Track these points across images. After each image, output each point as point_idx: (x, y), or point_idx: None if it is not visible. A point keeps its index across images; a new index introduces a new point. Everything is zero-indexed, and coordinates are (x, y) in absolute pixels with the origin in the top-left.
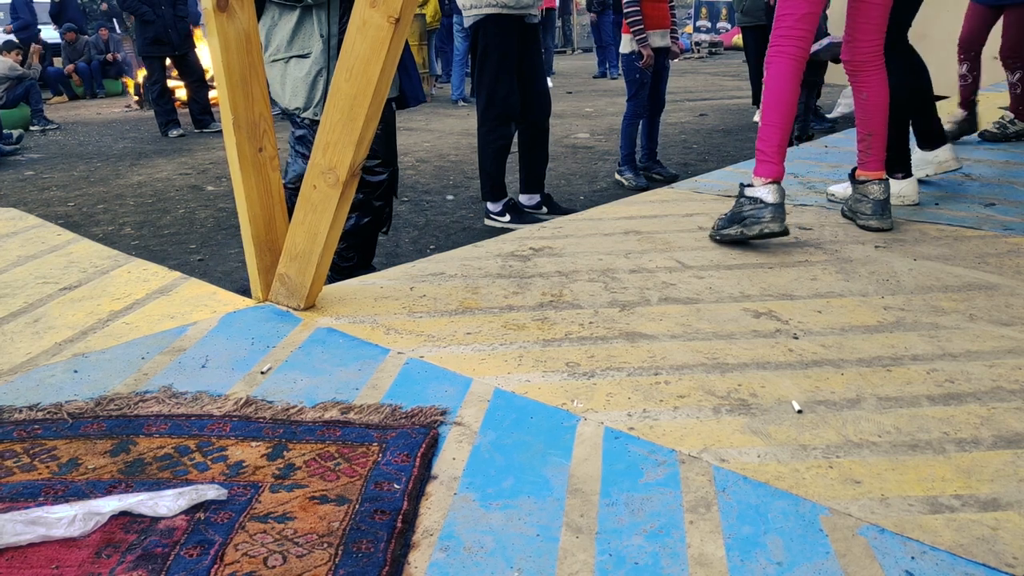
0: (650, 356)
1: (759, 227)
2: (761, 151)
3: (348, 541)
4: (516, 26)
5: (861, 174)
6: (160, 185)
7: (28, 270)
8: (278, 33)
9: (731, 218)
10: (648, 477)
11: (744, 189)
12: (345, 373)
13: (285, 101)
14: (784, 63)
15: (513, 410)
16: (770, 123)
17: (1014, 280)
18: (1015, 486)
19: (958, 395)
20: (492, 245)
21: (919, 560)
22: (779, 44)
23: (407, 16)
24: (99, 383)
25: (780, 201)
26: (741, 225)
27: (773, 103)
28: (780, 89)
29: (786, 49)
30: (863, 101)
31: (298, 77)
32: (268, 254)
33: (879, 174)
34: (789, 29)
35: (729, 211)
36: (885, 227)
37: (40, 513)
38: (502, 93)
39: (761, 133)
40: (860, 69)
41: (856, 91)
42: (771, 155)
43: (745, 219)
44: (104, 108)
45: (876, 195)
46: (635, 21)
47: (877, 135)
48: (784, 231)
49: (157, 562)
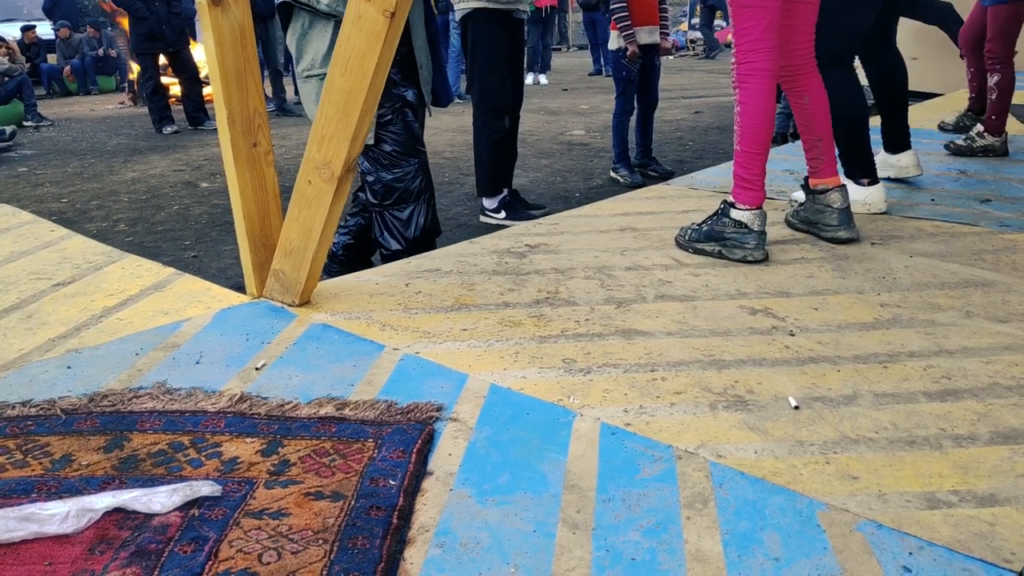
0: (646, 353)
1: (742, 253)
2: (743, 179)
3: (343, 537)
4: (506, 20)
5: (818, 183)
6: (154, 181)
7: (21, 266)
8: (311, 45)
9: (709, 234)
10: (645, 473)
11: (729, 210)
12: (340, 369)
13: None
14: (759, 82)
15: (509, 406)
16: (750, 150)
17: (1010, 277)
18: (1012, 482)
19: (955, 391)
20: (488, 241)
21: (917, 555)
22: (749, 60)
23: (402, 10)
24: (92, 379)
25: (763, 228)
26: (721, 245)
27: (752, 129)
28: (757, 112)
29: (757, 65)
30: (805, 106)
31: None
32: (263, 250)
33: (837, 180)
34: (756, 43)
35: (706, 224)
36: (853, 236)
37: (33, 510)
38: (494, 86)
39: (741, 160)
40: (797, 73)
41: (795, 97)
42: (753, 183)
43: (727, 240)
44: (98, 104)
45: (839, 204)
46: (621, 17)
47: (826, 139)
48: (765, 258)
49: (151, 559)
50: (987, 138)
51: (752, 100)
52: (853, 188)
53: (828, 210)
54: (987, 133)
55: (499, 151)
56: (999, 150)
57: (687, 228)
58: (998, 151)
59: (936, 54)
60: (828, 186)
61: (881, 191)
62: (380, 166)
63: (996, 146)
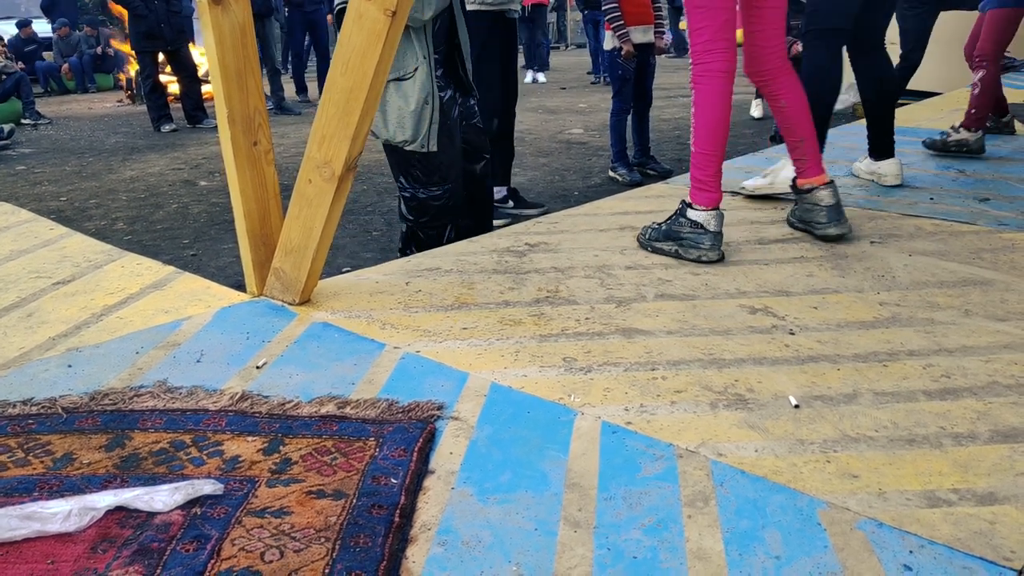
0: (647, 352)
1: (697, 253)
2: (698, 180)
3: (345, 536)
4: (497, 20)
5: (805, 182)
6: (153, 180)
7: (21, 264)
8: None
9: (667, 233)
10: (646, 471)
11: (687, 210)
12: (341, 368)
13: (388, 132)
14: (713, 83)
15: (510, 405)
16: (705, 151)
17: (1009, 276)
18: (1012, 480)
19: (954, 390)
20: (487, 240)
21: (917, 554)
22: (703, 61)
23: (403, 9)
24: (93, 378)
25: (720, 230)
26: (677, 244)
27: (707, 130)
28: (713, 113)
29: (712, 65)
30: (783, 109)
31: (403, 106)
32: (263, 248)
33: (823, 178)
34: (710, 43)
35: (664, 224)
36: (844, 232)
37: (35, 508)
38: (482, 88)
39: (696, 160)
40: (773, 78)
41: (772, 100)
42: (709, 183)
43: (683, 240)
44: (96, 103)
45: (828, 201)
46: (614, 17)
47: (808, 139)
48: (720, 259)
49: (153, 557)
50: (962, 133)
51: (706, 101)
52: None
53: (817, 208)
54: (963, 128)
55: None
56: (973, 146)
57: (648, 227)
58: (972, 147)
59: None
60: (815, 185)
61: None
62: (418, 183)
63: (971, 142)
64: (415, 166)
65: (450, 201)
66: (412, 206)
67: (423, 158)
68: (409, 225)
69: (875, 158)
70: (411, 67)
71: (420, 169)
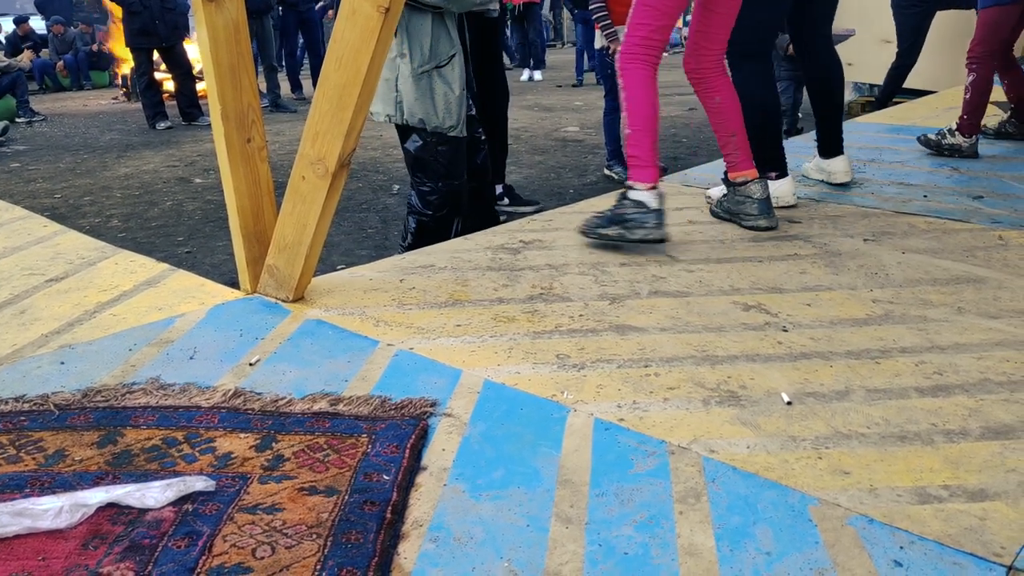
0: (640, 348)
1: (642, 232)
2: (635, 156)
3: (337, 532)
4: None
5: (737, 175)
6: (147, 177)
7: (14, 261)
8: (416, 39)
9: (611, 219)
10: (638, 468)
11: (628, 192)
12: (334, 365)
13: (439, 119)
14: (642, 70)
15: (503, 401)
16: (638, 128)
17: (1002, 273)
18: (1003, 476)
19: (946, 387)
20: (482, 238)
21: (907, 550)
22: (636, 52)
23: (396, 5)
24: (86, 374)
25: (662, 207)
26: (622, 227)
27: (639, 108)
28: (643, 93)
29: (644, 58)
30: (716, 106)
31: (448, 92)
32: (256, 245)
33: (754, 172)
34: (646, 40)
35: (608, 210)
36: (773, 225)
37: (26, 504)
38: None
39: (630, 139)
40: (707, 76)
41: (706, 99)
42: (646, 160)
43: (628, 222)
44: (91, 100)
45: (758, 194)
46: (600, 16)
47: (740, 133)
48: (665, 238)
49: (144, 553)
50: (956, 137)
51: (637, 83)
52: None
53: (748, 200)
54: (958, 132)
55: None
56: (966, 151)
57: (590, 217)
58: (965, 152)
59: (932, 51)
60: (747, 178)
61: (790, 184)
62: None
63: (964, 147)
64: (440, 158)
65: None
66: (431, 200)
67: (449, 149)
68: (424, 220)
69: (824, 156)
70: (447, 54)
71: (444, 160)
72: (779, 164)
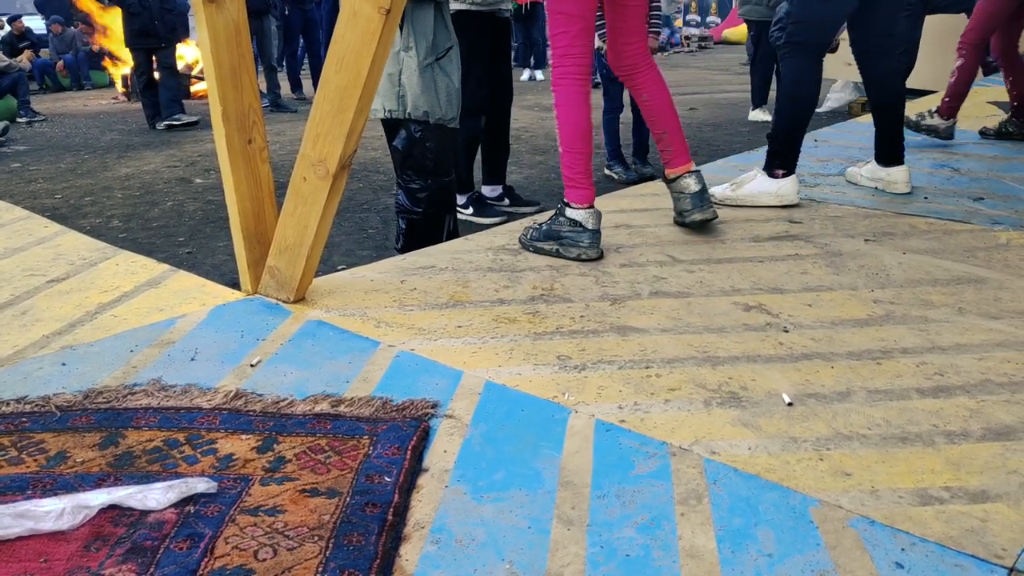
0: (641, 349)
1: (576, 251)
2: (570, 178)
3: (339, 534)
4: (487, 21)
5: (671, 172)
6: (148, 178)
7: (15, 262)
8: (421, 32)
9: (548, 233)
10: (639, 469)
11: (565, 209)
12: (335, 366)
13: (442, 111)
14: (570, 86)
15: (504, 403)
16: (572, 150)
17: (1002, 274)
18: (1004, 478)
19: (947, 388)
20: (483, 239)
21: (909, 552)
22: (562, 64)
23: (397, 7)
24: (87, 376)
25: (598, 227)
26: (558, 243)
27: (569, 130)
28: (572, 114)
29: (569, 70)
30: (646, 103)
31: (449, 84)
32: (257, 246)
33: (688, 166)
34: (568, 48)
35: (545, 224)
36: (709, 217)
37: (28, 506)
38: (470, 86)
39: (566, 160)
40: (634, 72)
41: (636, 94)
42: (580, 180)
43: (563, 239)
44: (91, 100)
45: (693, 188)
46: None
47: (672, 130)
48: (599, 257)
49: (147, 555)
50: (935, 118)
51: (565, 102)
52: (765, 180)
53: (683, 196)
54: (936, 114)
55: (471, 151)
56: (943, 134)
57: (530, 228)
58: (941, 134)
59: (930, 52)
60: (680, 173)
61: (794, 183)
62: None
63: (940, 129)
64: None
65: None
66: (420, 197)
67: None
68: (414, 218)
69: (883, 164)
70: (444, 46)
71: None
72: (791, 162)
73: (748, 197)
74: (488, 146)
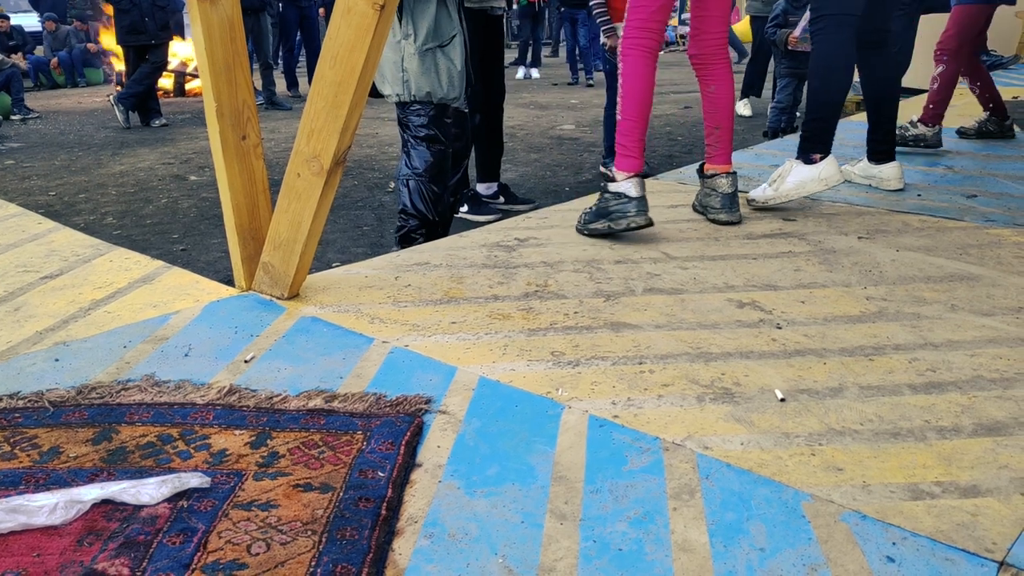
0: (634, 345)
1: (626, 221)
2: (623, 146)
3: (332, 528)
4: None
5: (710, 168)
6: (142, 175)
7: (8, 258)
8: (420, 18)
9: (597, 212)
10: (632, 464)
11: (608, 185)
12: (329, 362)
13: (443, 91)
14: (640, 57)
15: (498, 398)
16: (630, 118)
17: (995, 271)
18: (995, 473)
19: (939, 384)
20: (477, 235)
21: (900, 546)
22: (635, 36)
23: (391, 3)
24: (81, 372)
25: (643, 194)
26: (608, 220)
27: (633, 98)
28: (639, 83)
29: (642, 42)
30: (711, 95)
31: (451, 67)
32: (251, 243)
33: (727, 167)
34: (644, 22)
35: (594, 206)
36: (734, 220)
37: (21, 501)
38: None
39: (621, 127)
40: (709, 62)
41: (703, 85)
42: (632, 149)
43: (611, 214)
44: (85, 97)
45: (724, 189)
46: (599, 13)
47: (725, 128)
48: (649, 223)
49: (139, 550)
50: (919, 127)
51: (635, 72)
52: (803, 168)
53: (715, 194)
54: (920, 122)
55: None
56: (931, 141)
57: (584, 213)
58: (930, 142)
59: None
60: (718, 172)
61: (833, 163)
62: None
63: (928, 136)
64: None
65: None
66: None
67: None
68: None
69: (875, 161)
70: (448, 35)
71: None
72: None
73: (793, 190)
74: (482, 144)
